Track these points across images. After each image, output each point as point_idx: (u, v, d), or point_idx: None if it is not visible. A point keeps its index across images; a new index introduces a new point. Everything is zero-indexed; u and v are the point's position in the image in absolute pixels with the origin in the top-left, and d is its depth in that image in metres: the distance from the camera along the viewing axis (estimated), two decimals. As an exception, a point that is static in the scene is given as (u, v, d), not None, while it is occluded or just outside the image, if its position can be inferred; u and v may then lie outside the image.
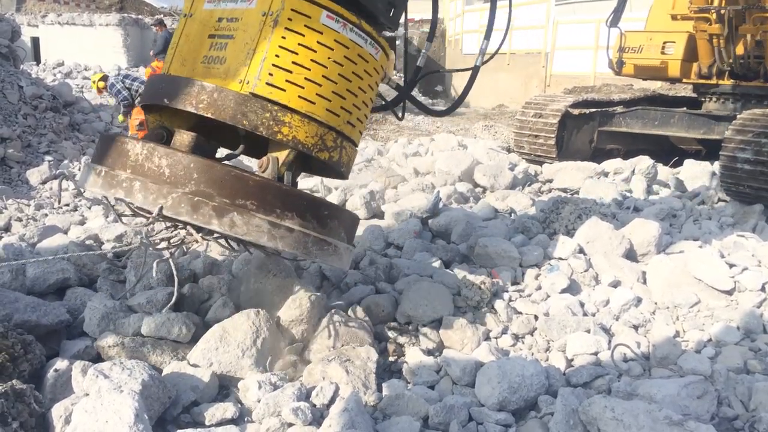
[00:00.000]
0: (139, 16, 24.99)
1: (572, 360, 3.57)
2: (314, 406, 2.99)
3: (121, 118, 9.67)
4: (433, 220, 5.59)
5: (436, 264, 4.53)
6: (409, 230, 5.29)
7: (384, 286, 4.25)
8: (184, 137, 3.25)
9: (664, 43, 8.72)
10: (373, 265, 4.70)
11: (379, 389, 3.24)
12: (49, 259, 3.95)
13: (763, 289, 4.09)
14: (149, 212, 2.90)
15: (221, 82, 3.03)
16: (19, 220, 6.15)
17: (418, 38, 24.83)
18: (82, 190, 3.17)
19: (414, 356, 3.58)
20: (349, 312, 3.86)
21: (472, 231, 5.31)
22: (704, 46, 8.17)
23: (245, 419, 2.97)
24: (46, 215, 6.40)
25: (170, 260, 3.27)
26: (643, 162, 7.84)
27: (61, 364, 3.08)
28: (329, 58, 3.14)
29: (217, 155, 3.62)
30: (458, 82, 25.06)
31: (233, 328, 3.39)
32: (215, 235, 3.14)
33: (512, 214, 6.30)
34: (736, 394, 3.15)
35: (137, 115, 9.46)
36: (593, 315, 4.04)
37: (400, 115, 4.32)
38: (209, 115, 3.02)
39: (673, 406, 2.86)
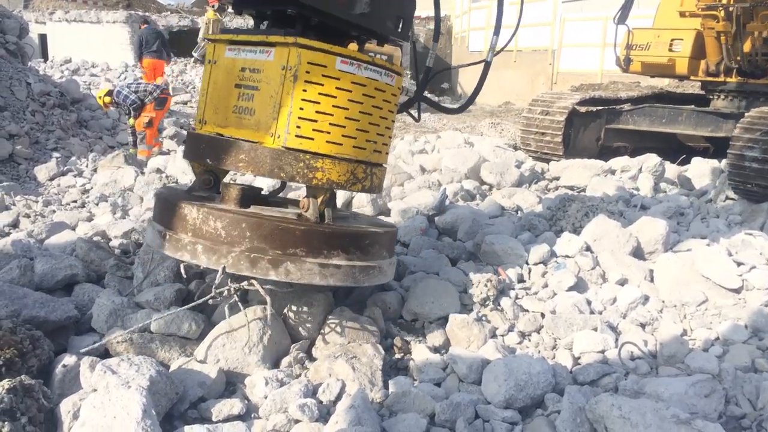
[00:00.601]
0: (146, 13, 25.05)
1: (579, 358, 3.57)
2: (321, 402, 3.00)
3: (131, 121, 9.66)
4: (440, 218, 5.59)
5: (443, 261, 4.53)
6: (416, 227, 5.29)
7: (390, 284, 4.25)
8: (231, 192, 3.52)
9: (672, 40, 8.68)
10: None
11: (386, 386, 3.24)
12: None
13: (771, 287, 4.07)
14: (215, 270, 3.24)
15: (254, 135, 3.33)
16: (27, 216, 6.18)
17: (425, 35, 24.80)
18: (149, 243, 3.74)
19: (420, 353, 3.59)
20: (356, 309, 3.87)
21: (479, 228, 5.30)
22: (712, 44, 8.13)
23: (252, 415, 2.98)
24: (54, 212, 6.43)
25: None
26: (651, 160, 7.82)
27: (69, 359, 3.09)
28: (349, 99, 3.36)
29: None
30: (464, 79, 25.01)
31: (240, 324, 3.40)
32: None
33: (519, 212, 6.29)
34: (743, 392, 3.14)
35: (146, 113, 9.48)
36: (600, 313, 4.03)
37: (416, 116, 4.49)
38: (249, 173, 3.41)
39: (680, 404, 2.85)
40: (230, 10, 25.39)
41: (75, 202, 6.97)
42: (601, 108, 9.37)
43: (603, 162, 8.20)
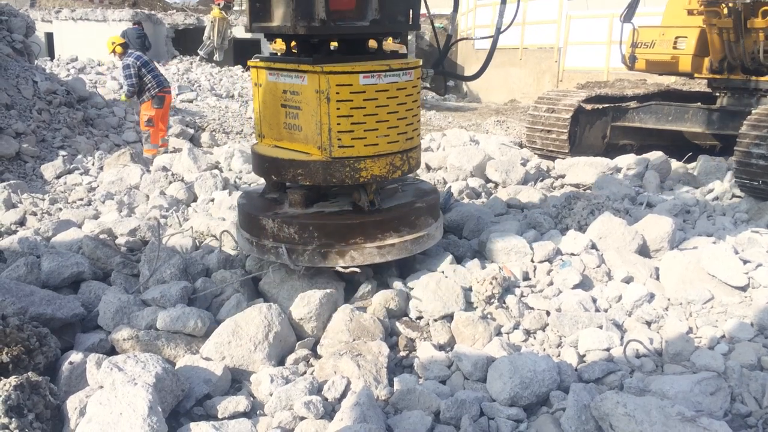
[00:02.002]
0: (152, 12, 25.09)
1: (584, 356, 3.56)
2: (326, 400, 3.01)
3: (123, 97, 9.68)
4: (445, 216, 5.58)
5: (448, 259, 4.53)
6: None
7: (395, 282, 4.25)
8: (296, 196, 4.20)
9: (676, 38, 8.65)
10: (385, 260, 4.71)
11: (391, 384, 3.25)
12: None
13: (777, 285, 4.06)
14: (298, 266, 3.99)
15: (305, 147, 4.03)
16: (34, 214, 6.21)
17: (430, 33, 24.75)
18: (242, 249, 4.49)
19: (425, 351, 3.59)
20: (360, 307, 3.88)
21: (484, 226, 5.30)
22: (715, 41, 8.11)
23: (257, 412, 2.99)
24: (61, 209, 6.45)
25: None
26: (657, 157, 7.79)
27: (75, 356, 3.11)
28: (376, 106, 3.92)
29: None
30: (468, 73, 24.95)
31: (245, 322, 3.42)
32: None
33: (524, 210, 6.29)
34: (749, 390, 3.13)
35: (146, 112, 9.44)
36: (605, 311, 4.02)
37: (442, 91, 5.29)
38: (307, 183, 4.06)
39: (685, 402, 2.85)
40: (236, 8, 25.43)
41: (81, 200, 7.00)
42: (607, 105, 9.33)
43: (609, 160, 8.18)
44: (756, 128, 6.49)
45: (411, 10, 4.26)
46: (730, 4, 7.48)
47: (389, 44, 9.74)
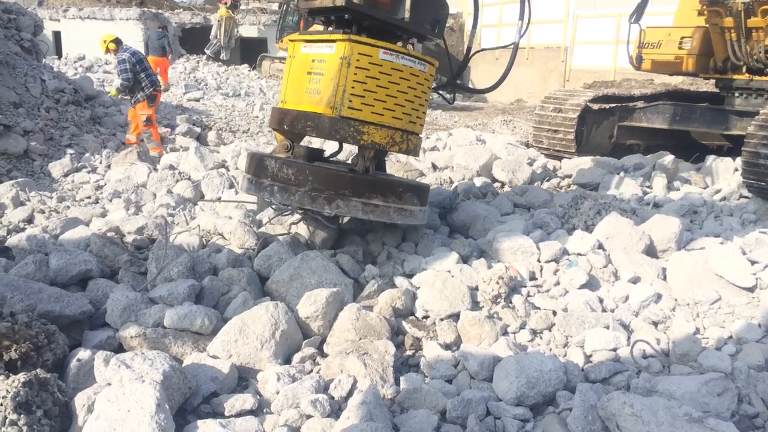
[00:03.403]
0: (159, 11, 25.15)
1: (591, 356, 3.56)
2: (332, 398, 3.01)
3: (113, 92, 9.63)
4: (452, 215, 5.59)
5: (454, 258, 4.53)
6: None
7: (402, 281, 4.26)
8: (300, 150, 4.76)
9: (682, 38, 8.66)
10: (391, 259, 4.71)
11: (397, 383, 3.25)
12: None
13: (785, 286, 4.04)
14: (286, 204, 4.54)
15: (318, 108, 4.40)
16: (42, 212, 6.24)
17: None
18: (241, 190, 5.12)
19: (432, 350, 3.59)
20: (367, 306, 3.88)
21: (491, 226, 5.29)
22: (718, 41, 8.09)
23: (264, 410, 3.00)
24: (68, 207, 6.48)
25: None
26: (664, 157, 7.77)
27: (83, 354, 3.12)
28: (389, 81, 4.42)
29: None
30: (476, 77, 24.95)
31: (252, 320, 3.42)
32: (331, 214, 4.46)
33: (531, 210, 6.28)
34: (756, 391, 3.12)
35: (143, 111, 9.37)
36: (612, 311, 4.02)
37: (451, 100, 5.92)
38: (314, 135, 4.58)
39: (692, 403, 2.84)
40: (242, 6, 25.46)
41: (89, 198, 7.03)
42: (614, 105, 9.32)
43: (616, 160, 8.16)
44: (764, 128, 6.47)
45: (438, 22, 4.88)
46: (731, 4, 7.48)
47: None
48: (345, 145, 5.57)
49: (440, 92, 5.44)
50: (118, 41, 9.59)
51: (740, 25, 7.64)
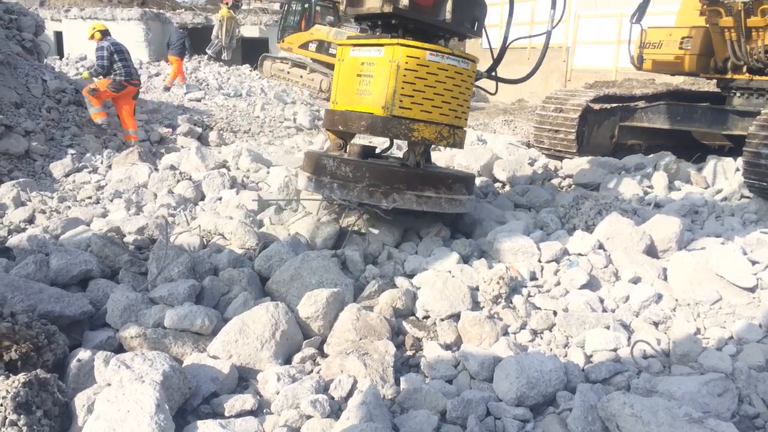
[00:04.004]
0: (161, 11, 25.17)
1: (591, 356, 3.56)
2: (332, 398, 3.01)
3: (85, 74, 9.91)
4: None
5: (455, 258, 4.53)
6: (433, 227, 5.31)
7: (402, 281, 4.26)
8: (354, 147, 5.19)
9: (683, 38, 8.65)
10: (392, 259, 4.71)
11: (397, 383, 3.25)
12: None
13: (786, 286, 4.03)
14: (346, 200, 4.89)
15: (370, 108, 4.80)
16: (43, 212, 6.24)
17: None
18: (300, 188, 5.51)
19: (432, 350, 3.59)
20: (367, 306, 3.88)
21: (491, 226, 5.29)
22: (718, 40, 8.09)
23: (264, 411, 3.00)
24: (69, 208, 6.48)
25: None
26: (665, 158, 7.76)
27: (84, 354, 3.12)
28: (436, 80, 4.79)
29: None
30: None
31: (252, 320, 3.42)
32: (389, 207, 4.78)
33: (531, 209, 6.27)
34: (757, 392, 3.12)
35: (98, 84, 9.67)
36: (613, 311, 4.01)
37: (492, 91, 6.23)
38: (367, 134, 5.06)
39: (693, 403, 2.84)
40: (243, 7, 25.49)
41: (90, 198, 7.03)
42: (615, 105, 9.30)
43: (617, 160, 8.15)
44: (765, 128, 6.45)
45: (477, 21, 5.25)
46: (730, 4, 7.48)
47: None
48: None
49: (479, 86, 5.76)
50: (105, 33, 9.88)
51: (740, 25, 7.64)
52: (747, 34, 7.71)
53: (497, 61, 5.68)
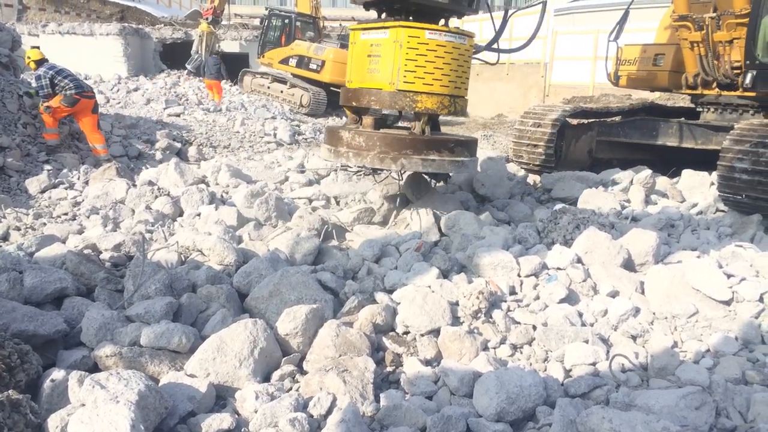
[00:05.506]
0: (140, 26, 25.06)
1: (570, 370, 3.56)
2: (311, 416, 2.98)
3: (32, 92, 9.82)
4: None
5: (434, 273, 4.52)
6: (413, 242, 5.30)
7: (382, 296, 4.24)
8: (367, 120, 5.98)
9: (656, 55, 8.86)
10: (371, 275, 4.70)
11: (377, 400, 3.23)
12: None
13: (761, 299, 4.08)
14: (362, 166, 5.79)
15: (379, 84, 5.60)
16: (18, 229, 6.15)
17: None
18: (323, 158, 6.26)
19: (412, 366, 3.57)
20: (347, 322, 3.86)
21: (470, 241, 5.30)
22: (688, 56, 8.26)
23: (242, 430, 2.96)
24: (45, 224, 6.40)
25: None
26: (642, 172, 7.86)
27: (57, 374, 3.07)
28: (435, 56, 5.48)
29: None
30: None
31: (231, 338, 3.39)
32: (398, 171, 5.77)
33: (510, 224, 6.30)
34: (734, 405, 3.14)
35: (52, 102, 9.48)
36: (591, 325, 4.03)
37: (494, 61, 7.31)
38: (377, 107, 5.71)
39: (671, 417, 2.85)
40: (223, 22, 25.46)
41: (66, 214, 6.94)
42: (592, 120, 9.41)
43: (594, 174, 8.23)
44: (738, 143, 6.57)
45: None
46: (698, 18, 7.65)
47: None
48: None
49: (480, 58, 6.46)
50: (40, 61, 9.80)
51: (708, 40, 7.80)
52: (714, 49, 7.86)
53: (498, 34, 6.27)
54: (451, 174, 6.28)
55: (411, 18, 5.56)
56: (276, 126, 14.24)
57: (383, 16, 5.84)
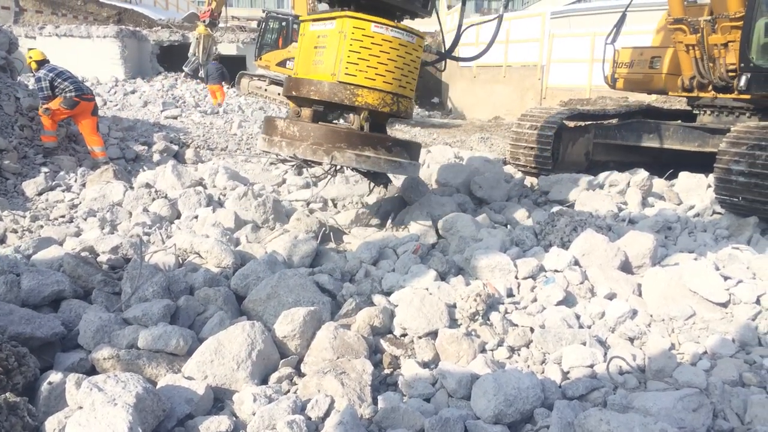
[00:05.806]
0: (137, 29, 25.05)
1: (568, 372, 3.57)
2: (309, 419, 2.98)
3: (40, 110, 9.78)
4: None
5: (432, 276, 4.53)
6: (410, 244, 5.31)
7: (380, 299, 4.25)
8: (306, 112, 5.60)
9: (652, 58, 8.88)
10: (369, 277, 4.70)
11: (375, 402, 3.23)
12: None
13: (757, 301, 4.10)
14: (293, 157, 5.31)
15: (321, 76, 5.27)
16: (15, 231, 6.14)
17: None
18: (259, 149, 6.04)
19: (410, 369, 3.57)
20: (345, 324, 3.86)
21: (468, 243, 5.31)
22: (684, 59, 8.28)
23: (240, 432, 2.96)
24: (42, 227, 6.38)
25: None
26: (639, 174, 7.87)
27: (55, 376, 3.06)
28: (380, 50, 5.20)
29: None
30: (454, 94, 25.18)
31: (228, 340, 3.39)
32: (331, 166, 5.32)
33: (508, 226, 6.31)
34: (731, 407, 3.15)
35: (51, 105, 9.48)
36: (589, 327, 4.04)
37: (442, 67, 6.70)
38: (315, 97, 5.35)
39: (668, 419, 2.86)
40: (221, 25, 25.46)
41: (63, 217, 6.93)
42: (589, 123, 9.43)
43: (592, 176, 8.25)
44: (735, 145, 6.59)
45: (428, 0, 5.57)
46: (693, 21, 7.67)
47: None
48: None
49: (429, 62, 6.41)
50: (41, 62, 9.80)
51: (703, 43, 7.82)
52: (709, 52, 7.89)
53: (454, 44, 6.17)
54: (390, 178, 5.98)
55: (361, 11, 5.25)
56: (273, 128, 14.22)
57: (335, 8, 5.57)
